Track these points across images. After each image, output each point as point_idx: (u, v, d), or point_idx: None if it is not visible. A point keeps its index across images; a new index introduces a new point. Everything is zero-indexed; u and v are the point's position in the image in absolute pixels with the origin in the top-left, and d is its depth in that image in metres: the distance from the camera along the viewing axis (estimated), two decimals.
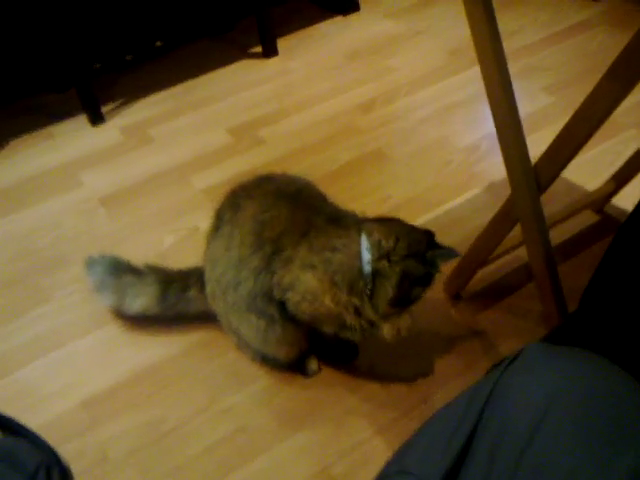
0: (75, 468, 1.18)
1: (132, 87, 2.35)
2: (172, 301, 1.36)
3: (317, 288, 1.07)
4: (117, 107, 2.25)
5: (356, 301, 1.07)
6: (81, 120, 2.18)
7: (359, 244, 1.07)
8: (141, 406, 1.29)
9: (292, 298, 1.11)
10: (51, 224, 1.77)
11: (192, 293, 1.35)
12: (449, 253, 1.12)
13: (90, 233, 1.73)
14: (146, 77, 2.41)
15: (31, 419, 1.26)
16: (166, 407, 1.29)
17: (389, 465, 0.66)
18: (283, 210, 1.13)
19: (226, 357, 1.36)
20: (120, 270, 1.38)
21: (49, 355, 1.41)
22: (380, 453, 1.17)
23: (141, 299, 1.35)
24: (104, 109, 2.19)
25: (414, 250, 1.08)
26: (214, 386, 1.31)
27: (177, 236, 1.70)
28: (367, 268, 1.06)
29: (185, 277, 1.37)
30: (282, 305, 1.14)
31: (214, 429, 1.24)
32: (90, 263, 1.42)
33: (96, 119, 2.16)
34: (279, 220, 1.12)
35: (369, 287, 1.07)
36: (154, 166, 1.95)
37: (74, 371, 1.37)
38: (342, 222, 1.12)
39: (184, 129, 2.11)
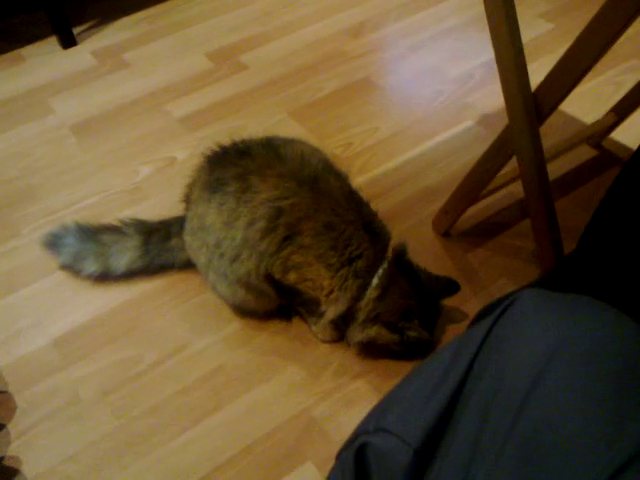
0: (46, 409, 1.15)
1: (106, 8, 2.21)
2: (155, 252, 1.29)
3: (326, 285, 1.07)
4: (90, 29, 2.12)
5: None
6: (51, 43, 2.06)
7: (377, 270, 1.09)
8: (114, 345, 1.24)
9: (294, 279, 1.08)
10: (19, 153, 1.67)
11: (175, 242, 1.28)
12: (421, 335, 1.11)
13: (61, 164, 1.63)
14: None
15: (0, 358, 1.22)
16: (141, 346, 1.23)
17: (367, 421, 0.60)
18: (305, 199, 1.05)
19: (202, 296, 1.30)
20: (93, 232, 1.30)
21: (18, 293, 1.34)
22: (362, 395, 1.13)
23: (128, 254, 1.28)
24: (76, 31, 2.07)
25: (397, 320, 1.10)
26: (190, 325, 1.26)
27: (153, 167, 1.61)
28: (369, 293, 1.09)
29: (167, 226, 1.30)
30: (277, 284, 1.12)
31: (191, 369, 1.19)
32: (53, 239, 1.31)
33: (67, 42, 2.03)
34: (299, 207, 1.05)
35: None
36: (129, 93, 1.84)
37: (44, 309, 1.31)
38: (375, 233, 1.10)
39: (161, 54, 1.99)
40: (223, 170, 1.12)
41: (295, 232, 1.05)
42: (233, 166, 1.11)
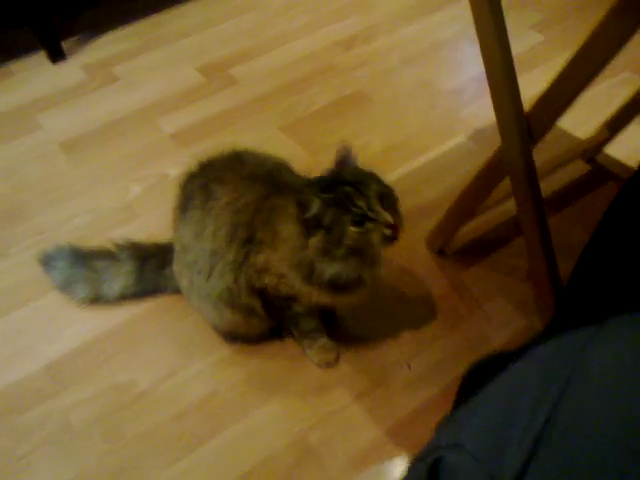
0: (37, 436, 1.13)
1: (95, 21, 2.19)
2: (149, 278, 1.27)
3: (284, 269, 1.02)
4: (79, 43, 2.10)
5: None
6: (40, 57, 2.04)
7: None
8: (106, 370, 1.22)
9: (270, 282, 1.05)
10: (7, 171, 1.65)
11: (169, 270, 1.24)
12: None
13: (50, 181, 1.62)
14: (110, 10, 2.25)
15: None
16: (132, 371, 1.21)
17: (443, 433, 0.57)
18: (256, 194, 1.04)
19: (194, 319, 1.27)
20: (86, 257, 1.28)
21: (6, 317, 1.32)
22: (358, 420, 1.12)
23: (121, 281, 1.26)
24: (65, 45, 2.05)
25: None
26: (183, 349, 1.24)
27: (144, 184, 1.59)
28: None
29: (162, 251, 1.27)
30: (263, 295, 1.08)
31: (184, 394, 1.17)
32: (47, 259, 1.30)
33: (56, 56, 2.01)
34: (254, 203, 1.03)
35: None
36: (119, 108, 1.83)
37: (34, 333, 1.28)
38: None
39: (151, 67, 1.97)
40: (189, 186, 1.12)
41: (252, 230, 1.03)
42: (197, 178, 1.11)
